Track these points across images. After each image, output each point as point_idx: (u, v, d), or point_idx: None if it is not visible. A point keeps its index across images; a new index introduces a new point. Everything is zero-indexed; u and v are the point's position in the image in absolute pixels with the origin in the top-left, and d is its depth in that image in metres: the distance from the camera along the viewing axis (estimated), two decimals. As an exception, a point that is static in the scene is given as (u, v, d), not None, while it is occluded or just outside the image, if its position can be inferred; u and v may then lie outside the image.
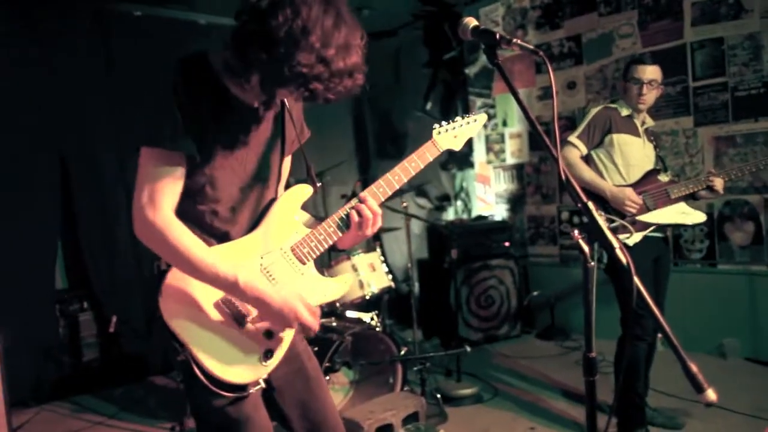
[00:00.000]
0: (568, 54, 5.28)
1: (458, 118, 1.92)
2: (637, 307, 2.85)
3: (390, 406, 3.12)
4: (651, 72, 3.13)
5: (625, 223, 3.03)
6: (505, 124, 5.95)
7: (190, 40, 4.97)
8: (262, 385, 1.59)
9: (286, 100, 1.69)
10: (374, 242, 4.28)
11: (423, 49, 6.25)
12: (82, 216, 4.57)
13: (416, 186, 5.23)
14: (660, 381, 3.64)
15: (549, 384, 4.09)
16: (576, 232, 1.42)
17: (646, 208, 3.09)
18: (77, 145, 4.52)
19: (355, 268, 3.76)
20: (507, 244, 5.44)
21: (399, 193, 4.14)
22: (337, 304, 3.76)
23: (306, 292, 1.64)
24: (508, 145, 5.94)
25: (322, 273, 1.78)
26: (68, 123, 4.45)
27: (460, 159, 6.31)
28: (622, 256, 1.32)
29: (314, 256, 1.70)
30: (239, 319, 1.56)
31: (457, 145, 1.91)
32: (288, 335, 1.65)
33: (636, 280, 1.29)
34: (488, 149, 6.13)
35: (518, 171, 5.86)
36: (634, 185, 3.14)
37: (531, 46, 1.47)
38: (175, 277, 1.52)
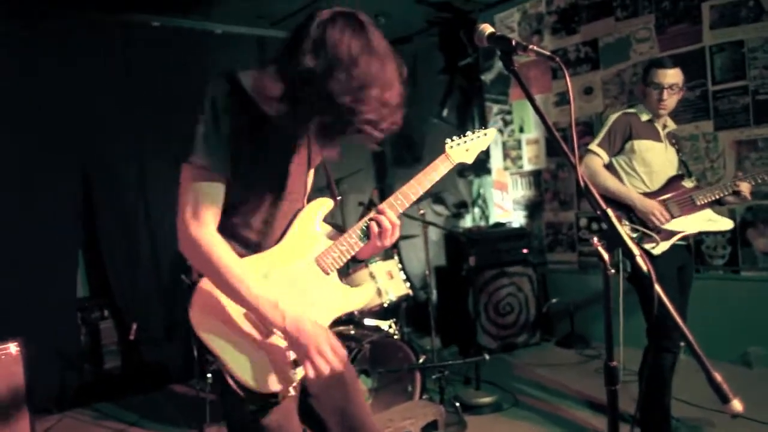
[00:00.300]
0: (584, 59, 5.25)
1: (469, 133, 1.98)
2: (665, 317, 2.81)
3: (409, 415, 3.11)
4: (672, 76, 3.03)
5: (651, 233, 2.96)
6: (521, 130, 5.93)
7: (206, 50, 5.03)
8: (293, 393, 1.62)
9: None
10: (392, 250, 4.28)
11: (439, 56, 6.26)
12: (103, 225, 4.64)
13: (433, 193, 5.23)
14: (683, 390, 3.58)
15: (569, 393, 4.04)
16: (595, 239, 1.41)
17: (671, 217, 3.01)
18: (98, 156, 4.59)
19: (372, 276, 3.75)
20: (525, 251, 5.41)
21: (416, 201, 4.14)
22: (355, 312, 3.75)
23: (331, 302, 1.71)
24: (525, 151, 5.92)
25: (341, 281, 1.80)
26: (89, 134, 4.52)
27: (477, 166, 6.29)
28: (643, 264, 1.30)
29: (337, 267, 1.74)
30: (265, 329, 1.59)
31: (470, 159, 1.97)
32: None
33: (658, 288, 1.27)
34: (505, 156, 6.11)
35: (536, 177, 5.83)
36: (658, 192, 3.08)
37: (547, 52, 1.47)
38: (204, 290, 1.57)
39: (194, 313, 1.55)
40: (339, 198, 1.84)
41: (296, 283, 1.66)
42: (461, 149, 1.94)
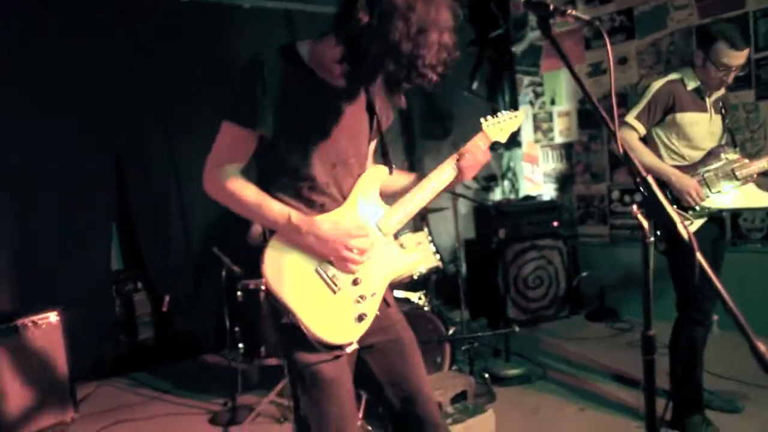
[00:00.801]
0: (619, 28, 5.11)
1: (501, 113, 2.06)
2: (696, 290, 2.76)
3: (438, 385, 3.12)
4: (743, 56, 2.79)
5: (683, 213, 2.85)
6: (553, 102, 5.82)
7: (234, 24, 5.00)
8: (356, 346, 1.73)
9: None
10: (422, 222, 4.27)
11: (468, 28, 6.14)
12: (135, 200, 4.70)
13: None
14: (717, 364, 3.54)
15: (598, 366, 4.02)
16: (635, 207, 1.38)
17: (706, 196, 2.86)
18: (129, 133, 4.63)
19: (402, 248, 3.75)
20: (555, 224, 5.35)
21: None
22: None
23: (391, 264, 1.83)
24: (556, 123, 5.82)
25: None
26: (120, 111, 4.55)
27: (508, 138, 6.21)
28: (684, 233, 1.27)
29: (395, 231, 1.85)
30: (332, 285, 1.70)
31: (503, 138, 2.06)
32: (377, 298, 1.78)
33: (699, 257, 1.24)
34: (536, 128, 6.02)
35: (567, 150, 5.73)
36: (697, 164, 2.92)
37: (586, 17, 1.43)
38: (275, 247, 1.68)
39: (267, 269, 1.65)
40: (393, 166, 1.91)
41: (362, 243, 1.73)
42: (497, 128, 2.02)
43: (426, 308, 3.57)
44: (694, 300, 2.86)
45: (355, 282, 1.73)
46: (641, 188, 1.37)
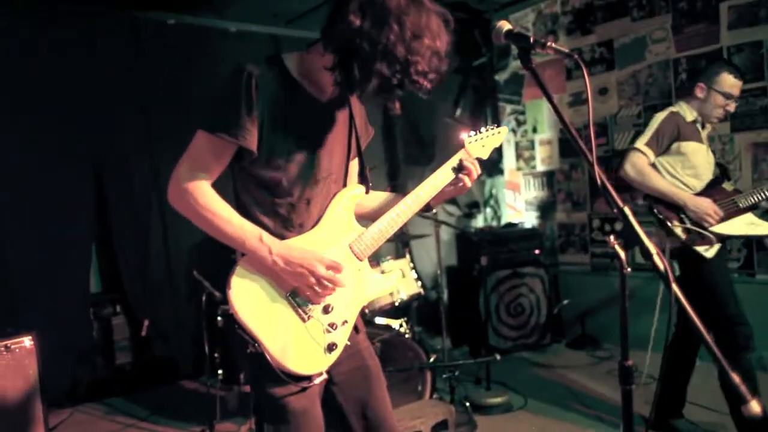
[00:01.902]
0: (599, 59, 5.21)
1: (483, 129, 2.01)
2: (733, 317, 2.94)
3: (419, 414, 3.10)
4: (740, 87, 3.01)
5: (707, 233, 2.92)
6: (535, 130, 5.90)
7: (221, 48, 5.04)
8: (325, 376, 1.68)
9: (352, 101, 1.78)
10: (403, 249, 4.27)
11: (453, 55, 6.21)
12: (116, 221, 4.65)
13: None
14: (698, 394, 3.55)
15: (580, 394, 4.01)
16: (612, 237, 1.40)
17: (721, 220, 2.97)
18: (111, 152, 4.60)
19: (380, 272, 3.75)
20: (537, 251, 5.38)
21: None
22: (366, 311, 3.75)
23: (364, 290, 1.77)
24: (538, 151, 5.89)
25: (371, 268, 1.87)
26: (102, 129, 4.53)
27: (490, 166, 6.26)
28: (660, 263, 1.29)
29: (369, 254, 1.79)
30: (302, 313, 1.64)
31: (485, 154, 2.01)
32: (348, 326, 1.73)
33: (675, 288, 1.26)
34: (518, 156, 6.09)
35: (548, 178, 5.80)
36: (701, 194, 3.03)
37: (566, 49, 1.46)
38: (243, 270, 1.59)
39: (234, 295, 1.56)
40: (370, 185, 1.88)
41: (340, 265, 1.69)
42: (478, 144, 1.97)
43: (407, 335, 3.55)
44: (733, 327, 2.96)
45: (326, 310, 1.67)
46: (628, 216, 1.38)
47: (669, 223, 2.97)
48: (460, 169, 1.85)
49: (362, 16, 1.44)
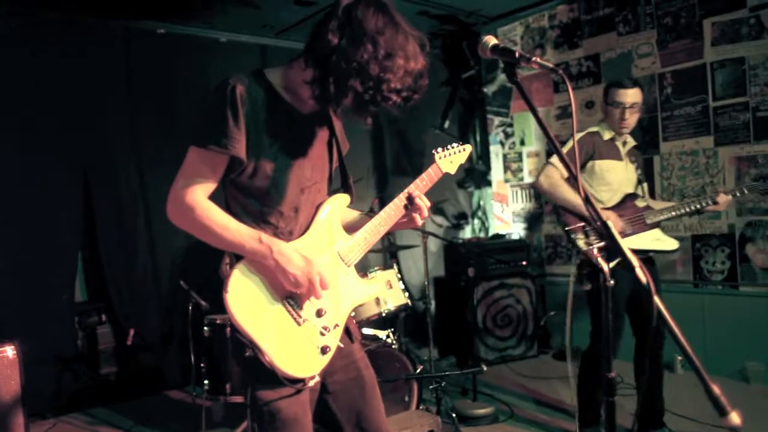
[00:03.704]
0: (586, 73, 5.28)
1: (451, 146, 2.14)
2: (598, 352, 3.12)
3: (405, 425, 3.09)
4: (632, 95, 3.16)
5: (592, 250, 3.03)
6: (522, 143, 5.95)
7: (210, 58, 5.05)
8: (318, 379, 1.73)
9: (332, 113, 1.84)
10: (391, 260, 4.28)
11: (441, 68, 6.29)
12: (102, 229, 4.63)
13: (433, 204, 5.23)
14: (680, 404, 3.58)
15: (565, 406, 4.03)
16: (595, 250, 1.42)
17: (624, 234, 3.14)
18: (99, 160, 4.59)
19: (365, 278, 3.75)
20: (524, 263, 5.41)
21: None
22: (354, 321, 3.74)
23: (353, 295, 1.84)
24: (525, 164, 5.93)
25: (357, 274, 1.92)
26: (90, 139, 4.53)
27: (478, 177, 6.30)
28: (642, 276, 1.31)
29: (356, 260, 1.85)
30: (297, 317, 1.68)
31: (452, 170, 2.13)
32: (339, 329, 1.79)
33: (657, 300, 1.28)
34: (506, 168, 6.13)
35: (536, 190, 5.82)
36: (612, 209, 3.20)
37: (550, 64, 1.48)
38: (240, 275, 1.63)
39: (231, 299, 1.59)
40: (354, 193, 1.94)
41: (326, 275, 1.72)
42: (447, 160, 2.10)
43: (394, 346, 3.55)
44: (601, 334, 3.13)
45: (319, 314, 1.72)
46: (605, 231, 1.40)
47: (573, 234, 3.18)
48: (411, 204, 1.90)
49: (340, 34, 1.52)
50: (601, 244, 2.96)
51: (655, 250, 3.22)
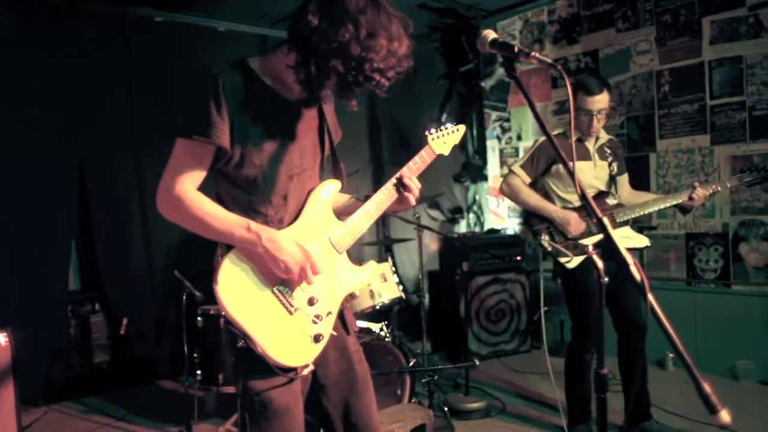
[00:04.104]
0: (584, 69, 5.27)
1: (445, 126, 2.12)
2: (587, 322, 3.20)
3: (397, 418, 3.10)
4: (600, 101, 3.14)
5: (560, 248, 3.12)
6: (519, 137, 5.95)
7: (208, 47, 5.02)
8: (312, 367, 1.74)
9: (322, 100, 1.82)
10: (385, 253, 4.28)
11: (439, 61, 6.27)
12: (97, 218, 4.61)
13: (429, 198, 5.22)
14: (670, 401, 3.60)
15: (557, 401, 4.04)
16: (590, 247, 1.42)
17: (588, 232, 3.17)
18: (94, 149, 4.56)
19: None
20: (519, 258, 5.41)
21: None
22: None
23: (345, 282, 1.83)
24: (522, 158, 5.92)
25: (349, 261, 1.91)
26: (86, 127, 4.50)
27: (474, 172, 6.30)
28: (637, 273, 1.31)
29: (347, 247, 1.84)
30: (289, 306, 1.68)
31: (446, 151, 2.11)
32: (332, 317, 1.78)
33: (651, 297, 1.28)
34: (502, 163, 6.12)
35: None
36: (579, 209, 3.22)
37: (549, 59, 1.48)
38: (229, 268, 1.62)
39: (221, 290, 1.58)
40: (346, 177, 1.93)
41: (317, 262, 1.71)
42: (440, 141, 2.08)
43: (387, 339, 3.56)
44: (587, 329, 3.22)
45: (311, 302, 1.72)
46: (599, 229, 1.40)
47: (539, 234, 3.27)
48: (402, 186, 1.89)
49: (320, 15, 1.51)
50: (566, 242, 3.07)
51: (625, 247, 3.20)
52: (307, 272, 1.65)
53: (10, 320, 3.57)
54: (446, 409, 3.66)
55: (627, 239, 3.22)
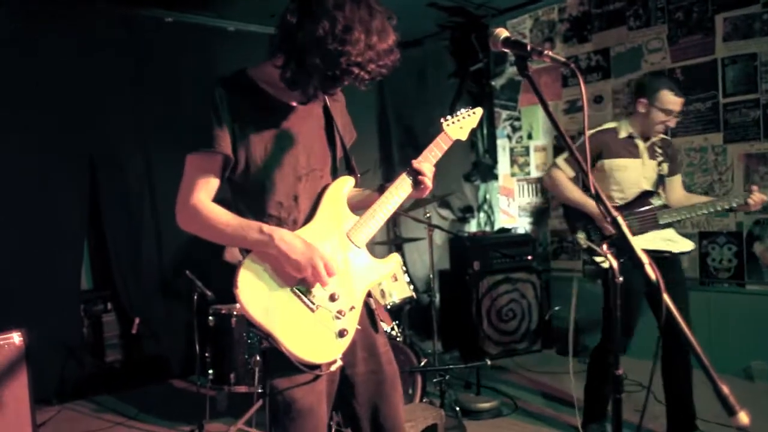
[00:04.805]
0: (595, 67, 5.23)
1: (460, 111, 2.10)
2: (615, 326, 2.97)
3: (409, 417, 3.09)
4: (680, 104, 3.07)
5: (595, 247, 3.03)
6: (530, 137, 5.92)
7: (218, 47, 5.04)
8: (340, 362, 1.75)
9: (327, 98, 1.84)
10: (396, 252, 4.26)
11: (449, 60, 6.25)
12: (109, 218, 4.65)
13: (440, 197, 5.21)
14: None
15: (569, 400, 4.01)
16: (605, 246, 1.41)
17: (634, 232, 3.06)
18: (105, 148, 4.60)
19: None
20: (529, 257, 5.39)
21: (422, 204, 4.13)
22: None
23: (366, 275, 1.82)
24: (532, 158, 5.90)
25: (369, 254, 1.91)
26: (97, 126, 4.53)
27: (484, 171, 6.28)
28: (652, 273, 1.30)
29: (366, 240, 1.84)
30: (310, 304, 1.69)
31: (464, 136, 2.09)
32: (356, 312, 1.78)
33: (666, 297, 1.26)
34: (512, 162, 6.10)
35: (542, 184, 5.82)
36: (626, 206, 3.12)
37: (562, 58, 1.47)
38: (248, 270, 1.65)
39: (242, 294, 1.61)
40: (359, 175, 1.93)
41: (335, 260, 1.74)
42: (456, 127, 2.06)
43: (398, 339, 3.55)
44: (626, 331, 3.09)
45: (332, 298, 1.72)
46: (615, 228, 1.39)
47: (577, 232, 3.18)
48: (413, 172, 1.90)
49: (298, 14, 1.55)
50: (606, 240, 2.98)
51: (667, 251, 3.10)
52: (320, 270, 1.65)
53: (24, 320, 3.60)
54: (458, 408, 3.65)
55: (669, 242, 3.10)
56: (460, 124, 2.07)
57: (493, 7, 5.66)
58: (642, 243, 3.02)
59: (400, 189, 1.88)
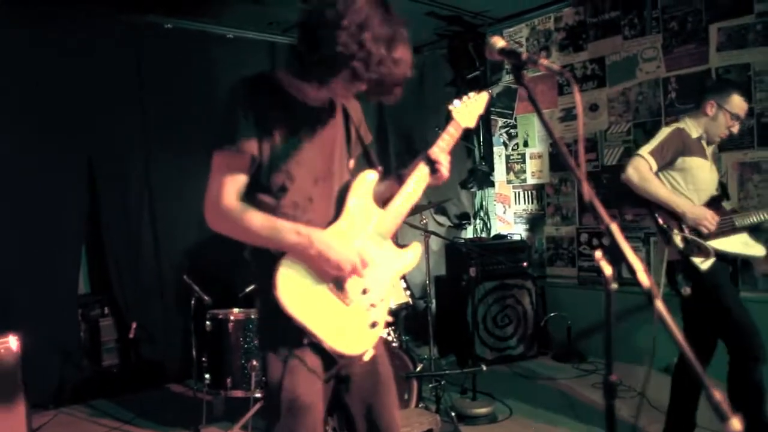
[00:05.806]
0: (591, 76, 5.28)
1: (466, 96, 2.14)
2: (744, 325, 2.91)
3: (404, 423, 3.10)
4: (746, 109, 3.05)
5: (703, 243, 2.90)
6: (526, 144, 5.96)
7: (218, 53, 5.06)
8: (372, 351, 1.83)
9: (346, 104, 1.90)
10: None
11: (446, 68, 6.29)
12: (107, 222, 4.65)
13: (436, 203, 5.24)
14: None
15: (564, 406, 4.04)
16: (598, 253, 1.42)
17: (721, 232, 2.98)
18: (104, 153, 4.61)
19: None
20: (525, 264, 5.42)
21: (418, 210, 4.15)
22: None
23: (392, 266, 1.91)
24: (528, 165, 5.94)
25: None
26: (97, 131, 4.54)
27: (481, 178, 6.31)
28: (645, 280, 1.31)
29: (392, 232, 1.91)
30: (345, 299, 1.75)
31: (473, 123, 2.14)
32: (386, 303, 1.86)
33: (659, 305, 1.28)
34: (509, 169, 6.14)
35: (538, 191, 5.85)
36: (710, 205, 3.04)
37: (557, 67, 1.49)
38: (285, 272, 1.69)
39: (282, 294, 1.66)
40: (380, 168, 1.96)
41: (365, 255, 1.79)
42: (465, 113, 2.11)
43: (394, 344, 3.57)
44: (747, 335, 2.91)
45: (364, 291, 1.79)
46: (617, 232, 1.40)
47: (669, 232, 2.96)
48: (429, 161, 1.96)
49: (327, 9, 1.58)
50: (703, 240, 2.89)
51: (744, 255, 3.08)
52: (358, 267, 1.73)
53: (20, 324, 3.62)
54: (453, 414, 3.67)
55: (746, 246, 3.03)
56: (469, 109, 2.12)
57: (490, 16, 5.71)
58: (725, 245, 2.97)
59: (420, 179, 1.95)
